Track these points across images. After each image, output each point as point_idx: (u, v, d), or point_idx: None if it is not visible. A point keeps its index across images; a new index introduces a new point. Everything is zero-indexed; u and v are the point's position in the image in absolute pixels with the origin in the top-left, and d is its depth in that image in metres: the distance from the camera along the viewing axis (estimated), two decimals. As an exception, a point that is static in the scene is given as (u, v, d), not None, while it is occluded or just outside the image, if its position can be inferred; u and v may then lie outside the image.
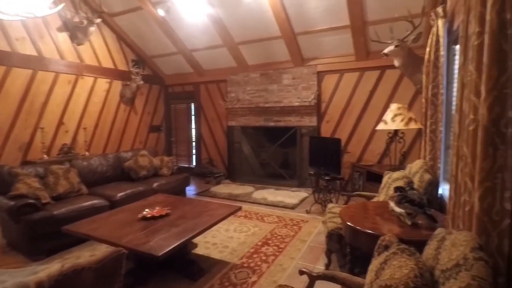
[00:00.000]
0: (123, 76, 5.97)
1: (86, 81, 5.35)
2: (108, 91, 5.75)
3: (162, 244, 2.15)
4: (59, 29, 4.86)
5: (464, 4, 1.45)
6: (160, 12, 4.80)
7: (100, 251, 3.02)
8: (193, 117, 6.98)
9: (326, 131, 5.36)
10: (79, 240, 3.16)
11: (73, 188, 3.70)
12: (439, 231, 1.34)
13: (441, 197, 2.55)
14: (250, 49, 5.51)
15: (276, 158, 6.23)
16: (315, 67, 5.28)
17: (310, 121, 5.38)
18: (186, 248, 2.74)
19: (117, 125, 5.99)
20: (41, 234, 2.99)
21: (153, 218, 2.66)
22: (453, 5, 2.49)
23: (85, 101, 5.35)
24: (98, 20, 4.95)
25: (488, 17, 1.13)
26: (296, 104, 5.38)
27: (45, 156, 4.57)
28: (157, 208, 2.86)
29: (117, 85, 5.93)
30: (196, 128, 6.92)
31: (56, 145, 4.89)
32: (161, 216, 2.70)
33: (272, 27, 4.80)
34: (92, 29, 4.92)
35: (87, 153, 5.15)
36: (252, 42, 5.32)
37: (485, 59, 1.15)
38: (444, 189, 2.58)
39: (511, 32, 1.08)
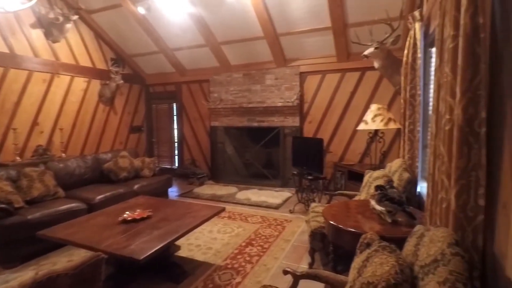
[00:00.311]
0: (102, 75, 5.79)
1: (63, 80, 5.15)
2: (86, 90, 5.56)
3: (144, 247, 2.11)
4: (33, 26, 4.66)
5: (440, 8, 1.50)
6: (141, 10, 4.70)
7: (78, 256, 2.92)
8: (175, 118, 6.87)
9: (308, 131, 5.42)
10: (56, 246, 3.05)
11: (48, 192, 3.55)
12: (418, 228, 1.38)
13: (419, 195, 2.63)
14: (233, 49, 5.49)
15: (260, 158, 6.24)
16: (297, 67, 5.32)
17: (293, 121, 5.43)
18: (168, 250, 2.70)
19: (96, 125, 5.81)
20: (14, 240, 2.85)
21: (134, 221, 2.59)
22: (429, 9, 2.58)
23: (62, 101, 5.15)
24: (75, 17, 4.77)
25: (462, 21, 1.18)
26: (279, 104, 5.41)
27: (18, 158, 4.35)
28: (138, 210, 2.79)
29: (96, 84, 5.74)
30: (178, 129, 6.82)
31: (30, 146, 4.68)
32: (142, 219, 2.64)
33: (254, 28, 4.80)
34: (69, 26, 4.75)
35: (63, 154, 4.96)
36: (234, 42, 5.30)
37: (459, 61, 1.19)
38: (422, 187, 2.66)
39: (483, 36, 1.13)
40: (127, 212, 2.71)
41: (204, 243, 3.29)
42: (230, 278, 2.58)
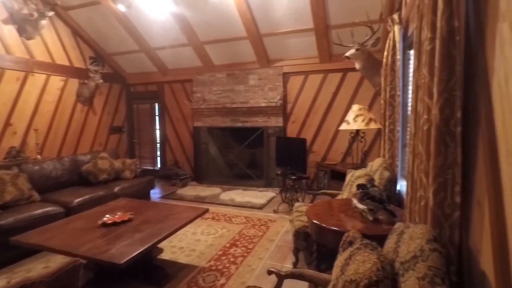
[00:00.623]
0: (80, 74, 5.60)
1: (38, 79, 4.94)
2: (62, 89, 5.35)
3: (125, 251, 2.05)
4: (5, 21, 4.44)
5: (417, 12, 1.54)
6: (121, 7, 4.58)
7: (55, 262, 2.81)
8: (157, 118, 6.74)
9: (292, 131, 5.46)
10: (31, 252, 2.92)
11: (22, 195, 3.40)
12: (398, 225, 1.42)
13: (399, 193, 2.70)
14: (216, 49, 5.45)
15: (244, 158, 6.23)
16: (280, 68, 5.35)
17: (276, 122, 5.45)
18: (150, 253, 2.64)
19: (74, 126, 5.61)
20: (-16, 247, 2.70)
21: (115, 224, 2.52)
22: (408, 13, 2.66)
23: (37, 100, 4.93)
24: (51, 13, 4.59)
25: (438, 24, 1.21)
26: (263, 104, 5.42)
27: (-11, 160, 4.14)
28: (119, 213, 2.72)
29: (73, 83, 5.55)
30: (160, 129, 6.70)
31: (2, 148, 4.45)
32: (123, 222, 2.57)
33: (238, 27, 4.79)
34: (44, 22, 4.56)
35: (39, 156, 4.76)
36: (218, 42, 5.26)
37: (436, 63, 1.23)
38: (401, 185, 2.74)
39: (458, 38, 1.17)
40: (107, 215, 2.63)
41: (187, 245, 3.24)
42: (214, 280, 2.55)
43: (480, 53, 1.10)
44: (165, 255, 2.98)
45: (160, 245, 2.83)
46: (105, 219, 2.56)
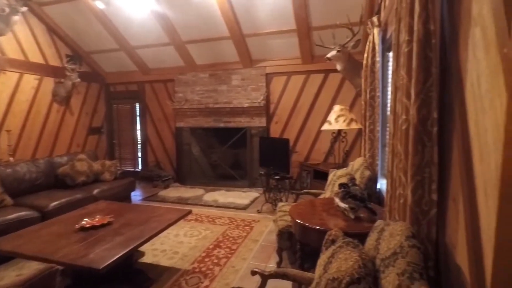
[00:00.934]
0: (56, 72, 5.39)
1: (9, 77, 4.71)
2: (37, 88, 5.13)
3: (104, 255, 1.99)
4: (-27, 16, 4.20)
5: (396, 15, 1.59)
6: (99, 4, 4.43)
7: (29, 269, 2.69)
8: (138, 118, 6.59)
9: (275, 131, 5.49)
10: (4, 259, 2.79)
11: (-7, 200, 3.23)
12: (379, 223, 1.45)
13: (379, 191, 2.77)
14: (199, 48, 5.40)
15: (227, 159, 6.20)
16: (263, 68, 5.37)
17: (259, 122, 5.46)
18: (131, 257, 2.57)
19: (50, 127, 5.39)
20: (-49, 255, 2.55)
21: (94, 227, 2.44)
22: (387, 15, 2.73)
23: (9, 100, 4.70)
24: (24, 9, 4.38)
25: (415, 27, 1.25)
26: (246, 105, 5.41)
27: (-44, 163, 3.91)
28: (98, 216, 2.63)
29: (49, 82, 5.33)
30: (141, 130, 6.55)
31: (-29, 150, 4.23)
32: (102, 225, 2.49)
33: (220, 27, 4.76)
34: (16, 18, 4.34)
35: (11, 158, 4.53)
36: (200, 42, 5.21)
37: (414, 65, 1.27)
38: (382, 184, 2.81)
39: (434, 41, 1.21)
40: (85, 219, 2.54)
41: (170, 247, 3.19)
42: (197, 282, 2.52)
43: (455, 55, 1.15)
44: (146, 259, 2.91)
45: (142, 248, 2.77)
46: (83, 223, 2.47)
